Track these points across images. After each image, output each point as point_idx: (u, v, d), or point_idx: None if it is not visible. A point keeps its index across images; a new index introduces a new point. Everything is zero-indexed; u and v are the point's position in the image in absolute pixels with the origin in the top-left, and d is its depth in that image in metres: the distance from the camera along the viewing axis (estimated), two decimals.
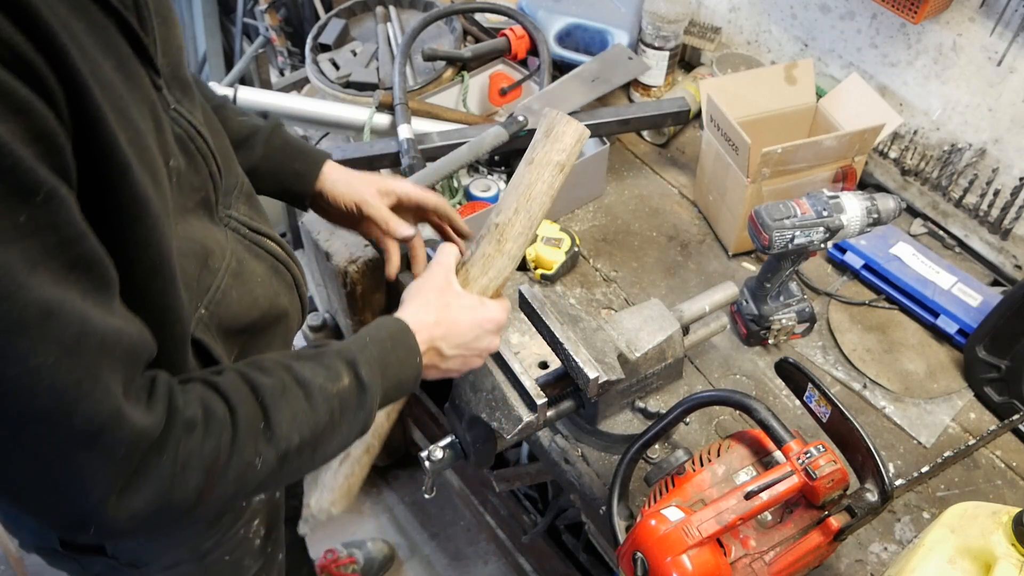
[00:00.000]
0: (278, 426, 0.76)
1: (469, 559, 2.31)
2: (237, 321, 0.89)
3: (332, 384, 0.82)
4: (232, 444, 0.72)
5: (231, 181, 0.96)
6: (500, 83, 1.72)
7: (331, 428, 0.82)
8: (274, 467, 0.76)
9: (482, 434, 1.09)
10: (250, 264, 0.93)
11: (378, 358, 0.88)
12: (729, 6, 1.80)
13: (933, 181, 1.51)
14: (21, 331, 0.57)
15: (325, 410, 0.81)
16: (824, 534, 0.94)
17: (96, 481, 0.64)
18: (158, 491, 0.68)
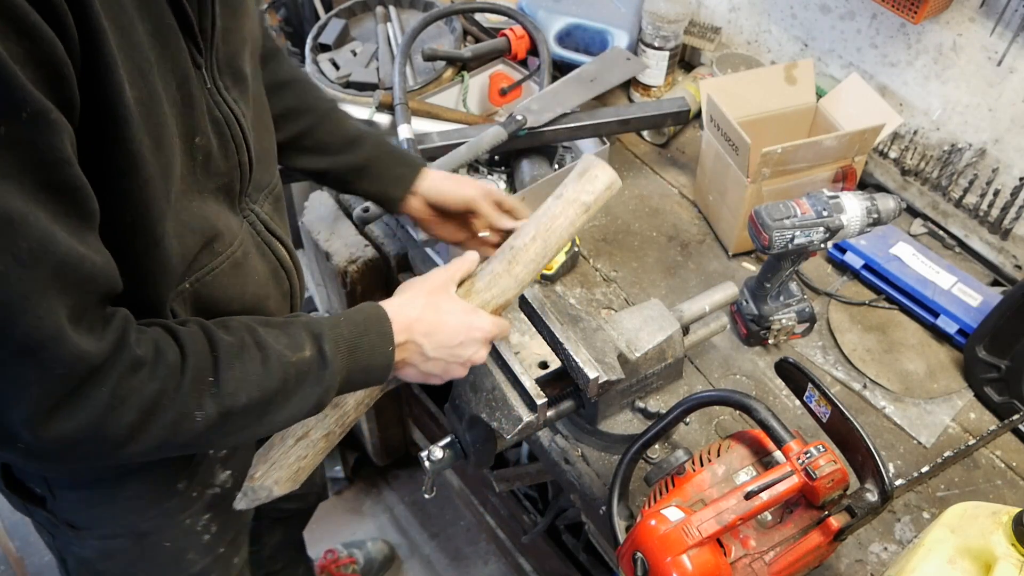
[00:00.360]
0: (226, 383, 0.76)
1: (469, 559, 2.31)
2: (216, 307, 0.89)
3: (292, 353, 0.82)
4: (176, 391, 0.73)
5: (264, 179, 0.97)
6: (500, 83, 1.72)
7: (283, 396, 0.81)
8: (215, 422, 0.77)
9: (482, 434, 1.09)
10: (254, 260, 0.94)
11: (348, 339, 0.87)
12: (729, 6, 1.80)
13: (933, 181, 1.51)
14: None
15: (279, 376, 0.80)
16: (824, 534, 0.94)
17: (29, 395, 0.65)
18: (90, 420, 0.68)
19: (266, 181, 0.99)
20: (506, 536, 2.04)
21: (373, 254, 1.56)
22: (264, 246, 0.97)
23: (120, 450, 0.72)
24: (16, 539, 2.35)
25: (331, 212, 1.61)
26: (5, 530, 2.36)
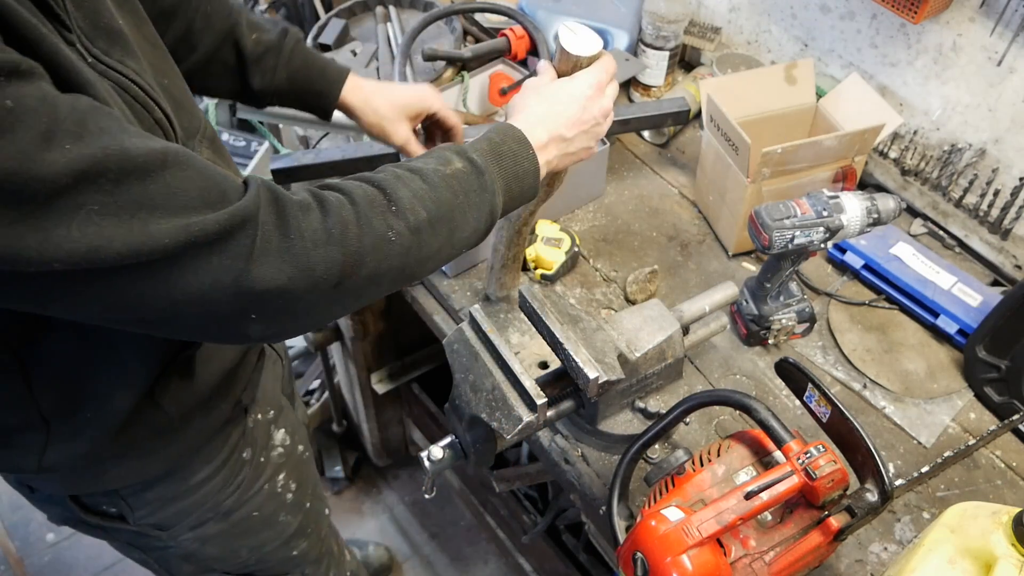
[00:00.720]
0: (399, 200, 0.77)
1: (469, 559, 2.31)
2: None
3: (444, 167, 0.84)
4: (357, 218, 0.74)
5: (193, 124, 0.96)
6: (500, 83, 1.72)
7: (457, 206, 0.83)
8: (411, 240, 0.78)
9: (482, 434, 1.09)
10: None
11: (488, 149, 0.89)
12: (729, 6, 1.80)
13: (933, 181, 1.51)
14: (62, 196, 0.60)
15: (445, 187, 0.82)
16: (824, 534, 0.94)
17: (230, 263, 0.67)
18: (297, 267, 0.70)
19: (195, 127, 0.97)
20: (506, 536, 2.04)
21: None
22: None
23: (340, 287, 0.73)
24: (16, 539, 2.35)
25: None
26: (5, 530, 2.36)
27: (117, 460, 0.99)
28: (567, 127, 0.98)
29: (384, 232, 0.76)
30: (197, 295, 0.66)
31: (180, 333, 0.74)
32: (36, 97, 0.59)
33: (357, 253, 0.74)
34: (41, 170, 0.58)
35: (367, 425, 2.18)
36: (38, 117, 0.58)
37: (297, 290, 0.70)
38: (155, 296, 0.65)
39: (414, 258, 0.80)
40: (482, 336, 1.09)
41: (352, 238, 0.73)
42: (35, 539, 2.35)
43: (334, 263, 0.72)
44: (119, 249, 0.62)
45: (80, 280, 0.63)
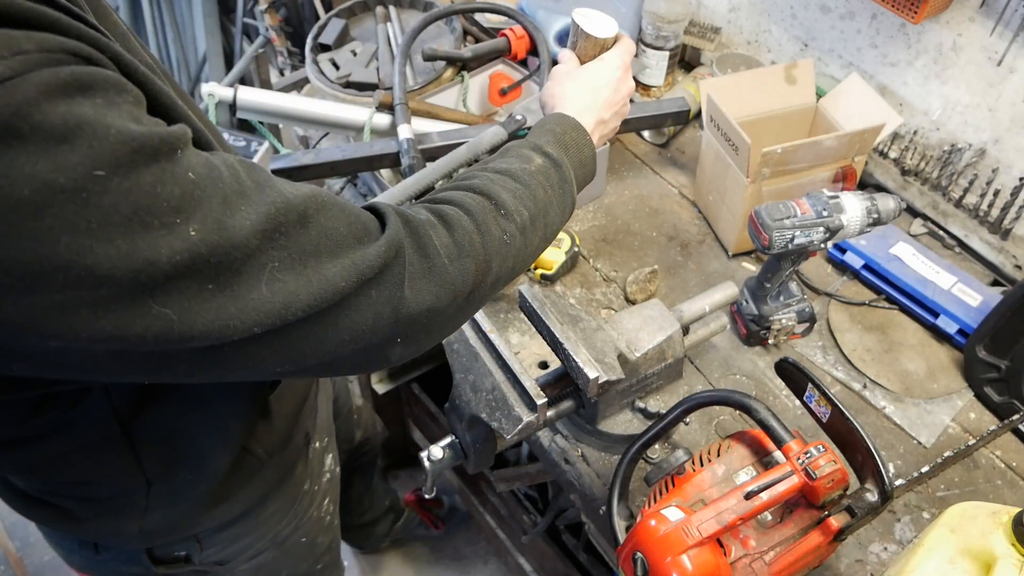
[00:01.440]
0: (504, 204, 0.80)
1: (469, 559, 2.31)
2: None
3: (528, 165, 0.87)
4: (477, 227, 0.77)
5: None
6: (500, 83, 1.72)
7: (547, 202, 0.86)
8: (520, 241, 0.82)
9: (482, 434, 1.09)
10: None
11: (556, 141, 0.93)
12: (729, 6, 1.80)
13: (933, 181, 1.51)
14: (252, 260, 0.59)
15: (535, 184, 0.85)
16: (824, 534, 0.94)
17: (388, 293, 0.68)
18: (440, 284, 0.72)
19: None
20: (506, 536, 2.04)
21: None
22: None
23: (470, 297, 0.76)
24: (16, 539, 2.35)
25: None
26: (5, 530, 2.36)
27: (208, 511, 1.01)
28: (605, 110, 1.02)
29: (500, 236, 0.79)
30: (361, 331, 0.67)
31: (329, 372, 0.74)
32: (203, 163, 0.58)
33: (485, 261, 0.76)
34: (233, 237, 0.57)
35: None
36: (214, 183, 0.57)
37: (441, 306, 0.72)
38: (326, 340, 0.65)
39: (523, 256, 0.84)
40: (482, 336, 1.09)
41: (478, 247, 0.76)
42: (35, 539, 2.35)
43: (468, 274, 0.74)
44: (306, 300, 0.61)
45: (267, 342, 0.61)
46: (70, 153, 0.49)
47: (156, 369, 0.60)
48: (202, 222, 0.55)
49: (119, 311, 0.53)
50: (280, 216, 0.61)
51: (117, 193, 0.51)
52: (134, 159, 0.52)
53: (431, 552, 2.33)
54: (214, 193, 0.57)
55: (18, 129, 0.48)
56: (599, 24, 1.07)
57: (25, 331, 0.51)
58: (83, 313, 0.52)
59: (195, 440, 0.91)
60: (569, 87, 1.02)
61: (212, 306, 0.57)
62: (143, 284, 0.53)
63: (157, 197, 0.53)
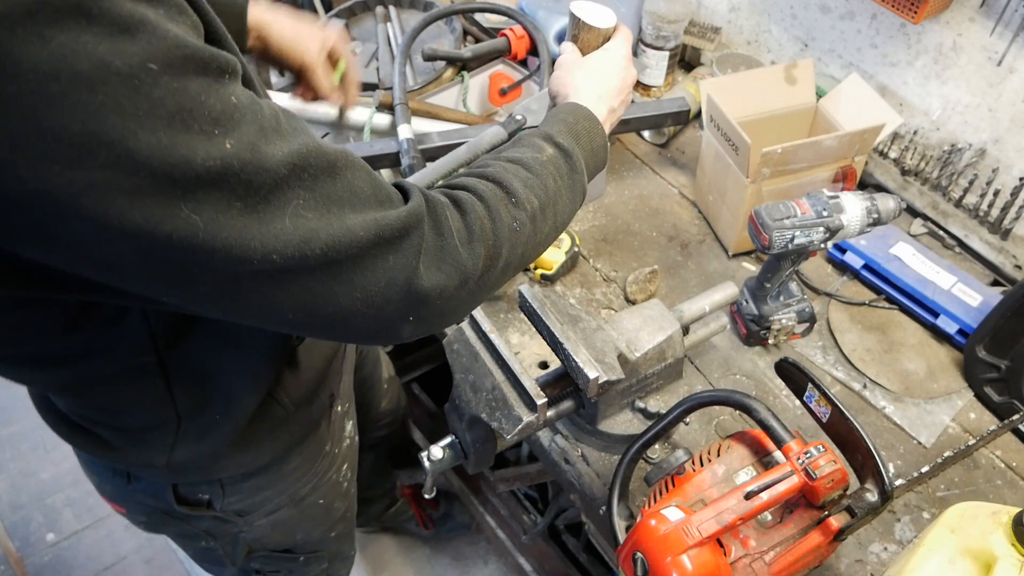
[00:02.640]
0: (516, 192, 0.82)
1: (469, 559, 2.31)
2: None
3: (540, 154, 0.88)
4: (488, 213, 0.78)
5: None
6: (500, 83, 1.72)
7: (557, 191, 0.87)
8: (529, 229, 0.83)
9: (482, 434, 1.09)
10: None
11: (568, 130, 0.93)
12: (729, 6, 1.80)
13: (933, 181, 1.51)
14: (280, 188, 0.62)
15: (548, 174, 0.87)
16: (824, 534, 0.94)
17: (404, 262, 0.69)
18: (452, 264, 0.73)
19: None
20: (506, 536, 2.04)
21: None
22: None
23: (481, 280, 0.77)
24: (16, 539, 2.35)
25: None
26: (5, 530, 2.36)
27: (233, 454, 1.04)
28: (614, 97, 1.04)
29: (511, 223, 0.80)
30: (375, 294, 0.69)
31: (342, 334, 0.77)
32: (248, 95, 0.62)
33: (495, 246, 0.78)
34: (264, 161, 0.60)
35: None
36: (254, 113, 0.61)
37: (452, 287, 0.74)
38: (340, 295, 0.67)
39: (532, 244, 0.85)
40: (482, 336, 1.09)
41: (489, 232, 0.77)
42: (35, 539, 2.35)
43: (479, 258, 0.76)
44: (325, 240, 0.64)
45: (281, 280, 0.64)
46: (130, 43, 0.53)
47: (178, 283, 0.62)
48: (238, 139, 0.59)
49: (151, 206, 0.56)
50: (311, 158, 0.64)
51: (165, 89, 0.55)
52: (185, 65, 0.56)
53: (431, 552, 2.33)
54: (253, 120, 0.60)
55: (88, 10, 0.51)
56: (598, 15, 1.08)
57: (65, 207, 0.54)
58: (119, 200, 0.55)
59: (226, 379, 0.93)
60: (579, 76, 1.04)
61: (237, 223, 0.59)
62: (176, 182, 0.56)
63: (201, 105, 0.57)
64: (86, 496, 2.42)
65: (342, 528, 1.39)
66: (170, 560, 2.31)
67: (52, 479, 2.46)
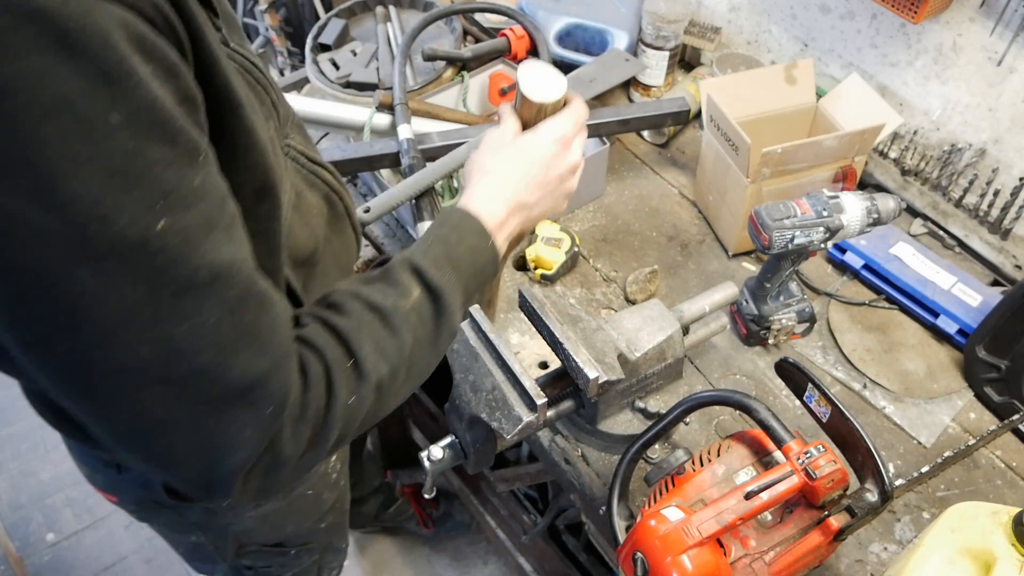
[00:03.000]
0: (364, 360, 0.75)
1: (469, 559, 2.31)
2: (301, 253, 0.89)
3: (405, 300, 0.81)
4: (329, 391, 0.72)
5: (286, 110, 0.95)
6: (500, 83, 1.72)
7: (417, 344, 0.81)
8: (372, 400, 0.76)
9: (482, 434, 1.09)
10: (306, 196, 0.92)
11: (446, 256, 0.85)
12: (729, 6, 1.80)
13: (933, 181, 1.51)
14: (191, 292, 0.58)
15: (406, 329, 0.80)
16: (824, 534, 0.94)
17: (246, 438, 0.64)
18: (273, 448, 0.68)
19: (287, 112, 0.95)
20: (506, 536, 2.04)
21: (373, 254, 1.56)
22: (311, 176, 0.94)
23: (301, 460, 0.72)
24: (16, 539, 2.35)
25: None
26: (5, 530, 2.36)
27: None
28: (529, 192, 0.92)
29: (347, 399, 0.74)
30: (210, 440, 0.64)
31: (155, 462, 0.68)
32: (216, 188, 0.60)
33: (324, 431, 0.72)
34: (191, 257, 0.57)
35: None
36: (211, 206, 0.58)
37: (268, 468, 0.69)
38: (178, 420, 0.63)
39: (374, 411, 0.78)
40: (482, 336, 1.09)
41: (321, 416, 0.71)
42: (35, 539, 2.35)
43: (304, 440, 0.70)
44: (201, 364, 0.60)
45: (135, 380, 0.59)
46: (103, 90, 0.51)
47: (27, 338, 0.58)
48: (175, 223, 0.55)
49: (50, 252, 0.52)
50: (242, 279, 0.61)
51: (119, 145, 0.52)
52: (151, 129, 0.54)
53: (431, 552, 2.33)
54: (205, 211, 0.57)
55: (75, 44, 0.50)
56: (545, 83, 0.92)
57: None
58: (20, 233, 0.52)
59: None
60: (491, 161, 0.93)
61: (126, 306, 0.55)
62: (86, 239, 0.53)
63: (153, 173, 0.54)
64: (86, 496, 2.42)
65: (332, 519, 1.37)
66: (170, 560, 2.31)
67: (52, 479, 2.46)
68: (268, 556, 1.30)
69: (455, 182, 1.61)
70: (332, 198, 0.98)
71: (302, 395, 0.69)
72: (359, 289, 0.81)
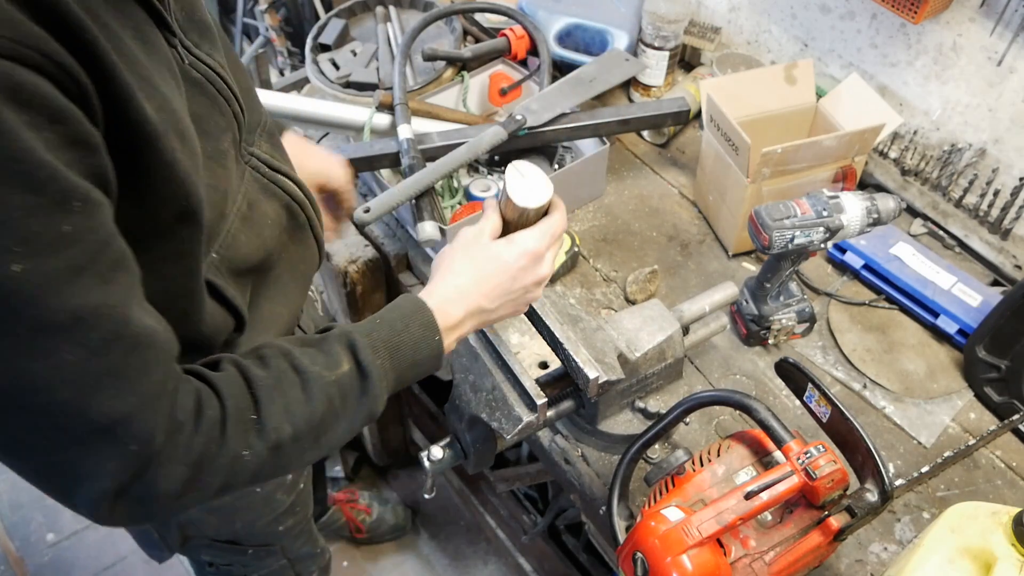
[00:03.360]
0: (269, 418, 0.76)
1: (469, 559, 2.31)
2: (246, 262, 0.89)
3: (330, 372, 0.81)
4: (221, 438, 0.73)
5: (254, 118, 0.95)
6: (500, 83, 1.72)
7: (330, 417, 0.81)
8: (266, 457, 0.76)
9: (482, 434, 1.09)
10: (261, 206, 0.92)
11: (386, 340, 0.86)
12: (729, 6, 1.80)
13: (933, 181, 1.51)
14: (48, 332, 0.60)
15: (322, 399, 0.80)
16: (824, 534, 0.94)
17: (107, 470, 0.66)
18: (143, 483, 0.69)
19: (256, 120, 0.96)
20: (506, 536, 2.04)
21: (373, 254, 1.56)
22: (271, 185, 0.95)
23: (178, 501, 0.72)
24: (16, 539, 2.35)
25: None
26: (5, 530, 2.36)
27: None
28: (491, 299, 0.93)
29: (240, 451, 0.74)
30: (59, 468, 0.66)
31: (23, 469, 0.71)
32: (96, 234, 0.60)
33: (208, 472, 0.72)
34: (49, 300, 0.58)
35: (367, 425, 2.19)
36: (82, 251, 0.59)
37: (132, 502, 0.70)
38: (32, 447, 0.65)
39: (271, 469, 0.79)
40: (482, 336, 1.09)
41: (207, 460, 0.72)
42: (35, 539, 2.35)
43: (180, 481, 0.71)
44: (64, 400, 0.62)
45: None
46: None
47: None
48: (35, 268, 0.57)
49: None
50: (111, 325, 0.62)
51: None
52: (14, 178, 0.55)
53: (431, 552, 2.33)
54: (74, 257, 0.59)
55: None
56: (531, 186, 0.92)
57: None
58: None
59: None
60: (459, 261, 0.93)
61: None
62: None
63: (14, 220, 0.55)
64: None
65: (292, 523, 1.34)
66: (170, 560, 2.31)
67: None
68: (225, 553, 1.29)
69: (455, 182, 1.61)
70: (293, 207, 0.97)
71: (189, 437, 0.70)
72: (291, 349, 0.81)
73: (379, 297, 1.64)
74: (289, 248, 0.97)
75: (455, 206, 1.56)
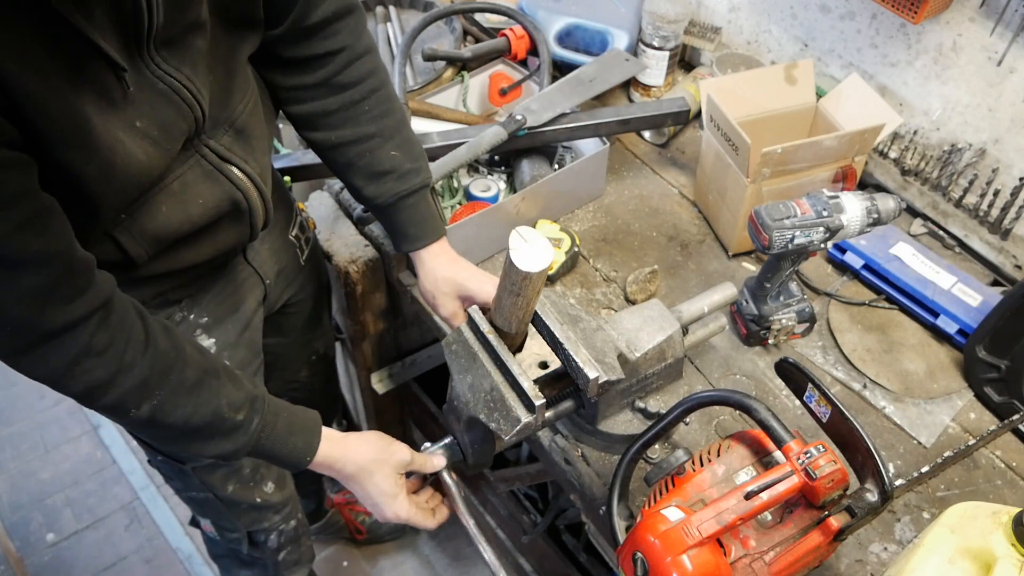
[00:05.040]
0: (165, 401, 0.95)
1: (469, 559, 2.31)
2: (163, 230, 1.01)
3: (228, 410, 0.99)
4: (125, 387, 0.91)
5: (222, 116, 1.03)
6: (500, 83, 1.72)
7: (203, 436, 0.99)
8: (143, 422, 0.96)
9: (480, 435, 1.09)
10: (195, 187, 1.02)
11: (275, 431, 1.04)
12: (729, 6, 1.80)
13: (933, 181, 1.51)
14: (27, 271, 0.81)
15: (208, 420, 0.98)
16: (824, 534, 0.94)
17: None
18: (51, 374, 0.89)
19: (224, 117, 1.04)
20: (506, 536, 2.04)
21: (373, 254, 1.56)
22: (215, 172, 1.04)
23: (80, 398, 0.92)
24: (16, 539, 2.35)
25: (331, 212, 1.61)
26: (5, 530, 2.36)
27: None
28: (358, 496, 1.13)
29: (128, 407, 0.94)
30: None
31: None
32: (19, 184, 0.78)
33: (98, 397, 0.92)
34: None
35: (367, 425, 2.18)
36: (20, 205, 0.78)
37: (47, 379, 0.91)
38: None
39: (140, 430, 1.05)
40: (480, 337, 1.09)
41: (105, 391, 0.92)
42: (35, 539, 2.35)
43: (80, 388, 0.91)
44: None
45: None
46: None
47: None
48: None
49: None
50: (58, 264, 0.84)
51: None
52: None
53: (431, 552, 2.33)
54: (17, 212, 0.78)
55: None
56: (532, 252, 0.95)
57: None
58: None
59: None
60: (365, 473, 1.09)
61: None
62: None
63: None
64: (86, 496, 2.42)
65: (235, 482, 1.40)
66: (170, 560, 2.31)
67: (52, 479, 2.46)
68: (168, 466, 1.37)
69: (455, 182, 1.61)
70: (236, 196, 1.07)
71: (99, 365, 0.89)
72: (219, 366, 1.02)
73: (379, 297, 1.64)
74: (221, 227, 1.09)
75: (455, 206, 1.56)
